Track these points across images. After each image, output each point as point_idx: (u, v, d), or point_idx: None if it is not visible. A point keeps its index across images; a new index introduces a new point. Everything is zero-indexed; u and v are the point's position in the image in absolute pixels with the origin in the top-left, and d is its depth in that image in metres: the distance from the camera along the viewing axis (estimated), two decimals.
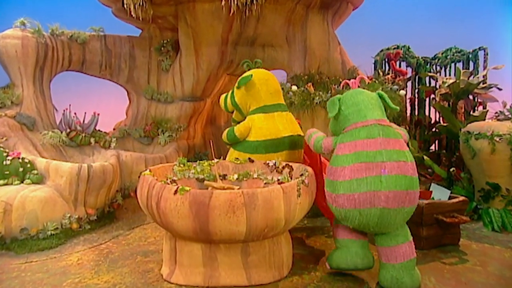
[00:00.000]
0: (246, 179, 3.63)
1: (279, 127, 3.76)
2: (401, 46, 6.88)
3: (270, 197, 2.68)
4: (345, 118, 2.94)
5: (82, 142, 5.14)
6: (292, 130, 3.82)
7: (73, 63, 5.90)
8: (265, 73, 4.02)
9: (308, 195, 2.95)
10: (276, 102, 3.91)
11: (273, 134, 3.73)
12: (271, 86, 3.93)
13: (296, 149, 3.82)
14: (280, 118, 3.83)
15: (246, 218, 2.62)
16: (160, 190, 2.75)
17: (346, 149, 2.79)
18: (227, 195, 2.62)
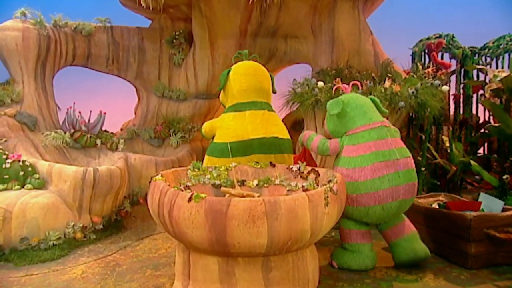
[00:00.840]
0: (267, 185, 3.62)
1: (248, 128, 3.67)
2: (444, 35, 6.72)
3: (294, 205, 2.66)
4: (351, 120, 3.47)
5: (87, 144, 5.25)
6: (266, 131, 3.69)
7: (78, 57, 6.03)
8: (244, 67, 3.93)
9: (337, 204, 2.93)
10: (251, 99, 3.81)
11: (240, 135, 3.65)
12: (246, 82, 3.84)
13: (270, 153, 3.70)
14: (252, 117, 3.73)
15: (268, 229, 2.62)
16: (172, 197, 2.78)
17: (361, 150, 3.35)
18: (246, 203, 2.62)
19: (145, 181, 5.28)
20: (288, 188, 3.56)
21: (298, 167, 3.65)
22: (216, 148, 3.72)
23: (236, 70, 3.94)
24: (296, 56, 6.30)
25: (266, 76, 3.97)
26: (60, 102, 5.83)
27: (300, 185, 3.51)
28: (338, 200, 2.94)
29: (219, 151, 3.70)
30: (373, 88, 4.67)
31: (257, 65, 3.99)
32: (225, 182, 3.57)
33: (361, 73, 5.43)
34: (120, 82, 6.79)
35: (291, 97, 5.20)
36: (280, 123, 3.87)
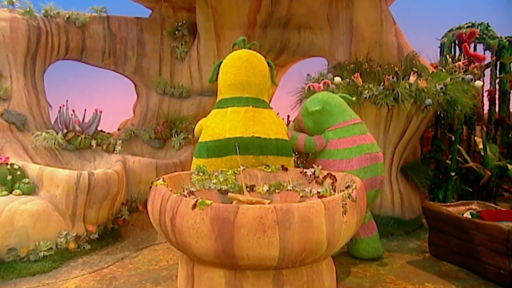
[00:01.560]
0: (278, 191, 3.62)
1: (226, 126, 3.63)
2: (477, 24, 6.63)
3: (309, 213, 2.66)
4: (333, 116, 4.04)
5: (81, 145, 5.30)
6: (245, 130, 3.62)
7: (71, 51, 6.08)
8: (233, 58, 3.84)
9: (356, 212, 2.92)
10: (235, 95, 3.75)
11: (217, 134, 3.62)
12: (230, 76, 3.77)
13: (249, 154, 3.64)
14: (232, 115, 3.67)
15: (280, 240, 2.62)
16: (175, 204, 2.80)
17: (348, 144, 3.94)
18: (256, 211, 2.62)
19: (145, 186, 5.31)
20: (302, 194, 3.56)
21: (313, 171, 3.65)
22: (196, 148, 3.73)
23: (225, 62, 3.87)
24: (311, 48, 6.30)
25: (257, 68, 3.82)
26: (51, 99, 5.89)
27: (315, 191, 3.50)
28: (357, 208, 2.93)
29: (197, 150, 3.69)
30: (396, 84, 4.66)
31: (249, 56, 3.84)
32: (233, 188, 3.58)
33: (383, 67, 5.41)
34: (118, 77, 6.85)
35: (304, 94, 5.19)
36: (271, 121, 3.76)
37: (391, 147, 5.00)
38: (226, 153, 3.61)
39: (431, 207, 4.18)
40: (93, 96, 8.54)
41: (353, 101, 4.32)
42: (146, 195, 5.21)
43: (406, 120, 4.83)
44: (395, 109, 4.72)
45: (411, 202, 5.16)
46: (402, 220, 5.02)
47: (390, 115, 4.82)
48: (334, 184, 3.47)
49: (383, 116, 4.82)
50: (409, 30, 5.98)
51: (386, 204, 5.01)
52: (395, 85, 4.65)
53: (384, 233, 4.73)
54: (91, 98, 8.40)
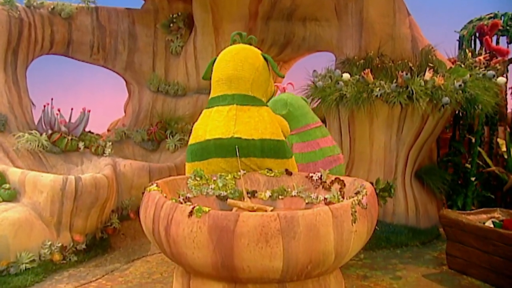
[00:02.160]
0: (282, 197, 3.62)
1: (207, 127, 3.62)
2: (500, 15, 6.58)
3: (315, 222, 2.66)
4: (296, 119, 4.25)
5: (67, 147, 5.31)
6: (225, 131, 3.58)
7: (56, 44, 6.10)
8: (224, 52, 3.81)
9: (366, 221, 2.91)
10: (222, 93, 3.72)
11: (199, 136, 3.63)
12: (218, 71, 3.74)
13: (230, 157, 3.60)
14: (216, 114, 3.66)
15: (283, 250, 2.62)
16: (170, 211, 2.80)
17: (311, 147, 4.23)
18: (257, 219, 2.62)
19: (137, 192, 5.32)
20: (308, 200, 3.55)
21: (320, 176, 3.65)
22: (186, 151, 3.74)
23: (219, 57, 3.81)
24: (317, 42, 6.31)
25: (247, 61, 3.74)
26: (35, 97, 5.91)
27: (322, 197, 3.50)
28: (368, 216, 2.93)
29: (185, 155, 3.74)
30: (410, 80, 4.66)
31: (240, 49, 3.79)
32: (233, 194, 3.58)
33: (396, 63, 5.41)
34: (107, 74, 6.86)
35: (310, 92, 5.20)
36: (257, 120, 3.68)
37: (404, 149, 5.00)
38: (206, 156, 3.59)
39: (449, 215, 4.17)
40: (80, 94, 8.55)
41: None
42: (138, 202, 5.21)
43: (421, 120, 4.84)
44: (409, 108, 4.72)
45: (426, 209, 5.16)
46: (417, 229, 5.02)
47: (404, 115, 4.82)
48: (342, 189, 3.47)
49: (396, 116, 4.82)
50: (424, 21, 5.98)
51: (399, 212, 5.01)
52: (409, 82, 4.65)
53: (397, 244, 4.73)
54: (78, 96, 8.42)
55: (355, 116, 4.96)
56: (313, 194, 3.56)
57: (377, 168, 5.05)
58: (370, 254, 4.56)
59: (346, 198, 3.33)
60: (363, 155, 5.12)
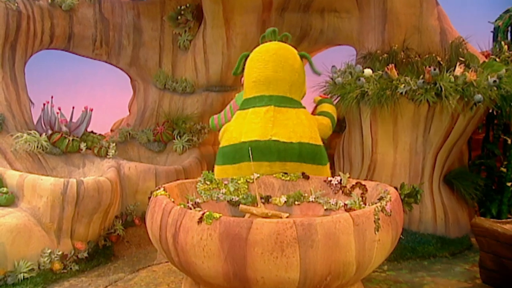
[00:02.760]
0: (298, 202, 3.63)
1: (243, 129, 3.79)
2: None
3: (335, 230, 2.66)
4: None
5: (68, 149, 5.35)
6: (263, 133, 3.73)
7: (56, 38, 6.15)
8: (259, 51, 4.01)
9: (390, 229, 2.91)
10: (259, 93, 3.90)
11: (233, 138, 3.81)
12: (255, 72, 3.93)
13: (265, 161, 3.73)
14: (252, 115, 3.83)
15: (300, 260, 2.62)
16: (178, 217, 2.82)
17: None
18: (272, 226, 2.63)
19: (143, 197, 5.34)
20: (326, 206, 3.56)
21: (339, 180, 3.65)
22: (217, 154, 3.92)
23: (251, 57, 4.05)
24: (336, 35, 6.29)
25: (287, 62, 3.95)
26: (34, 95, 5.94)
27: (342, 203, 3.50)
28: (392, 224, 2.92)
29: (216, 157, 3.91)
30: (438, 76, 4.63)
31: (278, 48, 3.98)
32: (245, 199, 3.60)
33: (423, 57, 5.38)
34: (111, 70, 6.90)
35: (329, 89, 5.19)
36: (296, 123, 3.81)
37: (432, 151, 4.96)
38: (239, 160, 3.72)
39: (482, 224, 4.13)
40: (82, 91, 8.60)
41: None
42: (144, 207, 5.25)
43: (451, 120, 4.79)
44: (438, 106, 4.68)
45: (457, 217, 5.11)
46: (447, 239, 4.97)
47: (431, 114, 4.78)
48: (364, 195, 3.47)
49: (423, 115, 4.79)
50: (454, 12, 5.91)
51: (426, 220, 4.97)
52: (437, 78, 4.62)
53: (424, 254, 4.70)
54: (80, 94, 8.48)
55: (377, 115, 4.92)
56: (332, 199, 3.57)
57: (401, 172, 5.01)
58: (394, 265, 4.53)
59: (368, 204, 3.34)
60: (386, 158, 5.09)
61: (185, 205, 3.28)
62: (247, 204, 3.55)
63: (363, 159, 5.29)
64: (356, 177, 5.07)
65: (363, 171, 5.22)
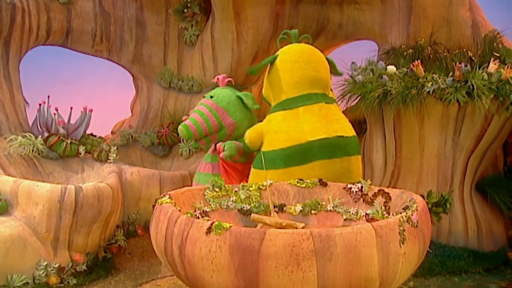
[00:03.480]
0: (315, 212, 3.62)
1: (304, 128, 4.03)
2: None
3: (356, 242, 2.64)
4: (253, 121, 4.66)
5: (66, 152, 5.38)
6: (327, 130, 4.02)
7: (53, 34, 6.19)
8: (295, 52, 4.35)
9: (417, 241, 2.88)
10: (304, 92, 4.21)
11: (295, 138, 4.00)
12: (298, 72, 4.24)
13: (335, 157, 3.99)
14: (307, 114, 4.11)
15: (318, 275, 2.61)
16: (185, 227, 2.81)
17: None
18: (287, 237, 2.62)
19: (146, 205, 5.35)
20: (346, 216, 3.54)
21: (360, 187, 3.63)
22: (265, 158, 3.99)
23: (284, 57, 4.32)
24: (356, 29, 6.28)
25: (323, 62, 4.36)
26: (29, 95, 5.98)
27: (363, 213, 3.48)
28: (419, 236, 2.89)
29: (269, 161, 3.97)
30: (470, 73, 4.60)
31: (311, 49, 4.38)
32: (257, 207, 3.59)
33: (452, 52, 5.36)
34: (112, 67, 6.93)
35: (348, 88, 5.18)
36: (342, 117, 4.20)
37: (462, 156, 4.92)
38: (311, 159, 3.95)
39: None
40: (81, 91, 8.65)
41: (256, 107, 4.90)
42: (147, 216, 5.25)
43: (484, 121, 4.76)
44: (469, 106, 4.65)
45: (491, 229, 5.07)
46: (480, 252, 4.93)
47: (462, 115, 4.76)
48: (387, 204, 3.45)
49: (452, 116, 4.76)
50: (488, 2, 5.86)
51: (457, 231, 4.93)
52: (468, 76, 4.59)
53: (455, 270, 4.65)
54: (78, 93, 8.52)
55: (402, 116, 4.90)
56: (353, 208, 3.55)
57: (428, 179, 4.98)
58: (421, 281, 4.50)
59: (392, 214, 3.31)
60: (411, 163, 5.07)
61: (192, 214, 3.28)
62: (259, 213, 3.54)
63: (385, 164, 5.27)
64: (378, 184, 5.05)
65: (386, 178, 5.20)
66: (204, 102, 4.78)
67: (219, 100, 4.70)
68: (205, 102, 4.77)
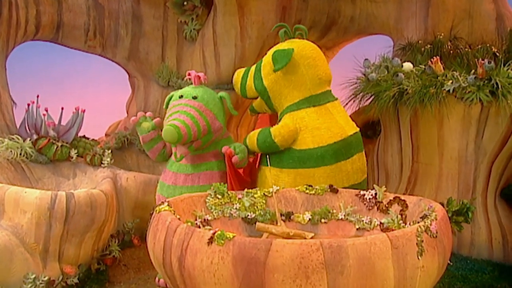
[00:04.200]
0: (325, 220, 3.63)
1: (341, 123, 4.46)
2: None
3: (370, 254, 2.64)
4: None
5: (57, 156, 5.39)
6: (353, 125, 4.58)
7: (43, 28, 6.20)
8: (310, 48, 4.60)
9: (437, 253, 2.88)
10: (326, 88, 4.61)
11: (338, 134, 4.38)
12: (321, 68, 4.57)
13: (362, 151, 4.57)
14: (336, 110, 4.54)
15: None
16: (185, 237, 2.82)
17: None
18: (295, 248, 2.62)
19: (143, 213, 5.34)
20: (358, 225, 3.54)
21: (374, 194, 3.63)
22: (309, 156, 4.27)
23: (304, 53, 4.52)
24: (369, 23, 6.28)
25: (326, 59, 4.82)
26: (16, 94, 6.01)
27: (377, 222, 3.49)
28: (439, 247, 2.89)
29: (316, 159, 4.26)
30: (494, 71, 4.59)
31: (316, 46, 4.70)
32: (263, 216, 3.60)
33: (474, 48, 5.35)
34: (106, 64, 6.95)
35: (361, 87, 5.18)
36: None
37: (486, 160, 4.91)
38: (352, 153, 4.39)
39: None
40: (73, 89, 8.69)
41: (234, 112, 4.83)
42: (144, 225, 5.24)
43: (509, 123, 4.74)
44: (493, 106, 4.64)
45: None
46: (506, 266, 4.89)
47: (485, 116, 4.74)
48: (404, 212, 3.45)
49: (475, 117, 4.75)
50: None
51: (479, 243, 4.91)
52: (492, 73, 4.58)
53: (478, 285, 4.61)
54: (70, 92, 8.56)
55: (419, 117, 4.90)
56: (366, 217, 3.55)
57: (448, 185, 4.97)
58: None
59: (409, 224, 3.31)
60: (430, 168, 5.06)
61: (192, 222, 3.29)
62: (265, 222, 3.55)
63: (401, 169, 5.27)
64: (394, 191, 5.04)
65: (402, 184, 5.20)
66: (189, 103, 4.44)
67: (206, 102, 4.47)
68: (190, 103, 4.44)
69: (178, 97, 4.53)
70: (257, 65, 4.77)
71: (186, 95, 4.51)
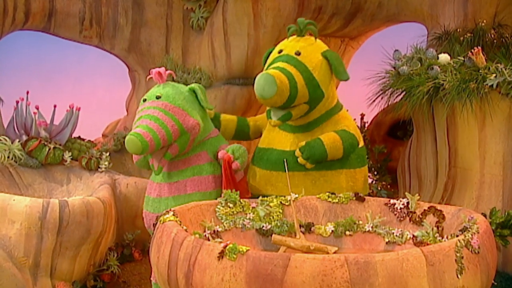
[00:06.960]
0: (350, 233, 3.61)
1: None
2: None
3: (401, 271, 2.63)
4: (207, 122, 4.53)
5: (49, 160, 5.42)
6: None
7: (33, 17, 6.25)
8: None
9: (479, 271, 2.86)
10: None
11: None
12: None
13: None
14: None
15: None
16: (192, 251, 2.82)
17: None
18: (316, 264, 2.61)
19: None
20: (388, 239, 3.52)
21: (406, 203, 3.61)
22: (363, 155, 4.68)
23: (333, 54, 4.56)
24: (400, 9, 6.27)
25: None
26: (3, 90, 6.05)
27: (410, 235, 3.47)
28: (481, 264, 2.87)
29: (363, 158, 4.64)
30: None
31: None
32: (280, 227, 3.59)
33: None
34: (104, 57, 6.99)
35: (391, 82, 5.16)
36: None
37: None
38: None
39: None
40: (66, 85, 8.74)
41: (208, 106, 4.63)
42: (145, 237, 5.27)
43: None
44: None
45: None
46: None
47: None
48: (440, 224, 3.43)
49: None
50: None
51: None
52: None
53: None
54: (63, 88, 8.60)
55: (457, 116, 4.87)
56: (397, 229, 3.53)
57: (491, 193, 4.92)
58: None
59: (446, 237, 3.29)
60: (469, 174, 5.02)
61: (201, 234, 3.29)
62: (282, 234, 3.54)
63: (437, 175, 5.24)
64: (428, 200, 5.01)
65: (437, 191, 5.17)
66: (152, 105, 4.23)
67: (171, 99, 4.23)
68: (153, 105, 4.23)
69: (142, 101, 4.37)
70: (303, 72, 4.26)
71: (149, 97, 4.34)
